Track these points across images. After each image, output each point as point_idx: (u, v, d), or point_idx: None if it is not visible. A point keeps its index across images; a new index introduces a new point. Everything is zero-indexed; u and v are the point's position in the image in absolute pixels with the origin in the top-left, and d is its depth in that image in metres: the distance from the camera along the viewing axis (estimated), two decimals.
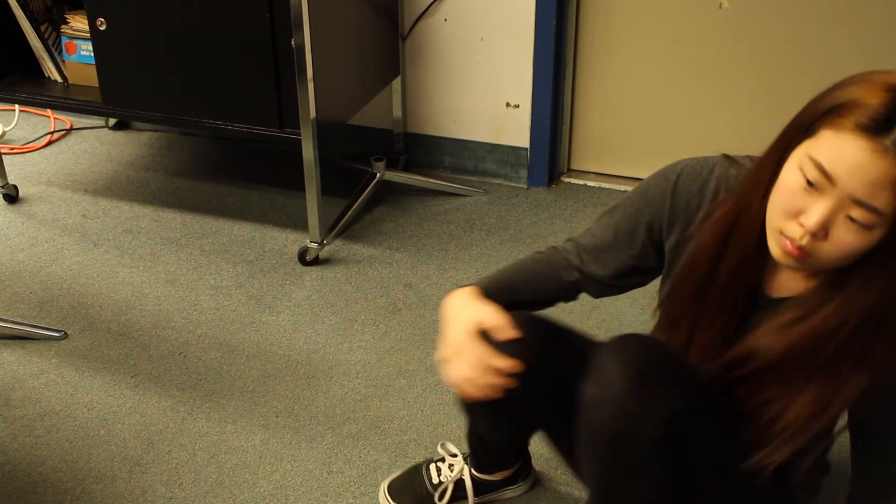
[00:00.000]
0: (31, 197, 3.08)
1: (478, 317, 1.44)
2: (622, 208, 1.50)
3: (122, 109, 2.79)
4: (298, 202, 2.89)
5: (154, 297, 2.56)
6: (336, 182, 2.96)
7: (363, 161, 3.08)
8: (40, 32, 2.91)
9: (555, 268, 1.56)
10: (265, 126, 2.61)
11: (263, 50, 2.52)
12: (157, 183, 3.13)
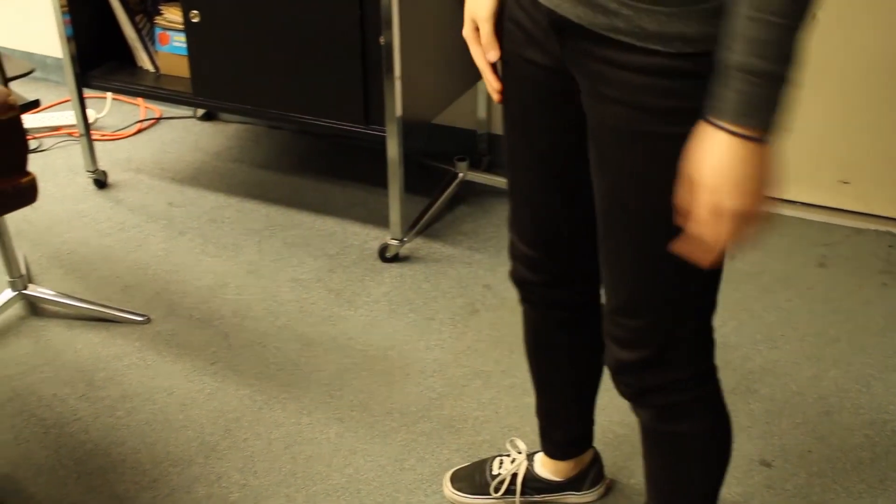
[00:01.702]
0: (120, 183, 3.14)
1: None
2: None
3: (211, 100, 2.84)
4: (381, 199, 2.91)
5: (236, 287, 2.60)
6: (418, 180, 2.98)
7: (446, 160, 3.09)
8: (135, 23, 2.97)
9: None
10: (351, 122, 2.63)
11: (352, 47, 2.54)
12: (242, 174, 3.17)
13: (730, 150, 1.11)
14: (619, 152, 1.27)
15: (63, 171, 3.19)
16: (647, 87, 1.20)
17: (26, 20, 3.76)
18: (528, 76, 1.39)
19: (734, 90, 1.09)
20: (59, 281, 2.64)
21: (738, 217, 1.14)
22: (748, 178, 1.12)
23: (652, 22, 1.15)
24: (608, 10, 1.18)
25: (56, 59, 3.76)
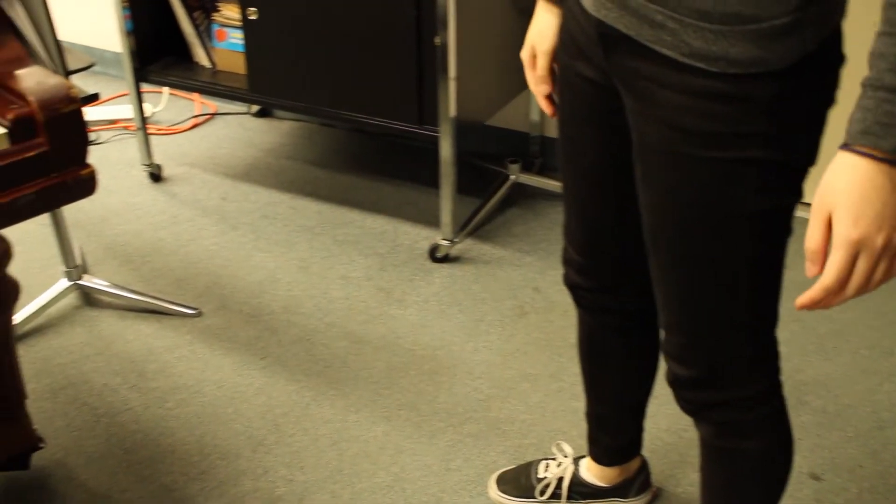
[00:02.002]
0: (175, 177, 3.18)
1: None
2: None
3: (266, 97, 2.86)
4: (432, 199, 2.91)
5: (286, 283, 2.61)
6: (470, 181, 2.98)
7: (498, 162, 3.08)
8: (193, 19, 3.00)
9: None
10: (404, 122, 2.64)
11: (408, 47, 2.54)
12: (295, 171, 3.20)
13: (865, 175, 1.02)
14: (660, 172, 1.26)
15: (119, 164, 3.23)
16: (688, 108, 1.17)
17: (87, 15, 3.81)
18: (579, 89, 1.39)
19: (864, 108, 1.02)
20: (113, 272, 2.67)
21: (879, 252, 1.04)
22: (889, 205, 1.02)
23: (697, 38, 1.13)
24: (654, 22, 1.16)
25: (115, 54, 3.81)
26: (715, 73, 1.13)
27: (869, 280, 1.07)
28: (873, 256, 1.04)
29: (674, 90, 1.18)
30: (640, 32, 1.19)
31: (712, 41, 1.12)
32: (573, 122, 1.44)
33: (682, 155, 1.21)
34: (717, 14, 1.10)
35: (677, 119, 1.19)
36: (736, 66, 1.12)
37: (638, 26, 1.19)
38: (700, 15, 1.11)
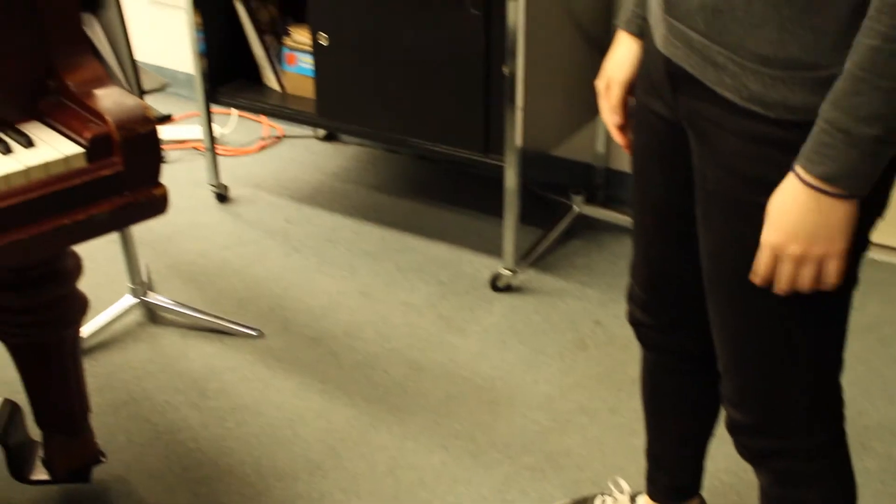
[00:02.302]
0: (240, 198, 3.21)
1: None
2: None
3: (334, 122, 2.88)
4: (495, 228, 2.91)
5: (348, 308, 2.62)
6: (533, 211, 2.97)
7: (562, 193, 3.08)
8: (264, 43, 3.04)
9: None
10: (470, 150, 2.64)
11: (476, 75, 2.55)
12: (359, 196, 3.21)
13: (795, 195, 1.11)
14: (718, 217, 1.26)
15: (186, 184, 3.28)
16: (746, 153, 1.17)
17: (161, 36, 3.88)
18: (650, 125, 1.39)
19: (811, 134, 1.08)
20: (178, 290, 2.70)
21: (795, 260, 1.14)
22: (808, 225, 1.11)
23: (756, 82, 1.13)
24: (717, 64, 1.16)
25: (186, 75, 3.87)
26: (773, 119, 1.13)
27: (794, 282, 1.16)
28: (790, 262, 1.15)
29: (733, 134, 1.18)
30: (703, 73, 1.19)
31: (771, 86, 1.12)
32: (644, 157, 1.44)
33: (739, 201, 1.21)
34: (777, 59, 1.10)
35: (735, 164, 1.19)
36: (794, 112, 1.11)
37: (702, 66, 1.19)
38: (760, 59, 1.11)
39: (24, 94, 1.47)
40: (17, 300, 1.70)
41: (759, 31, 1.10)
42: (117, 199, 1.42)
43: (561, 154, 3.14)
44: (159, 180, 1.46)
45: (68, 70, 1.46)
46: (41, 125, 1.48)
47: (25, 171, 1.37)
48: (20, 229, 1.36)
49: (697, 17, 1.17)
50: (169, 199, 1.47)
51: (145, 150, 1.42)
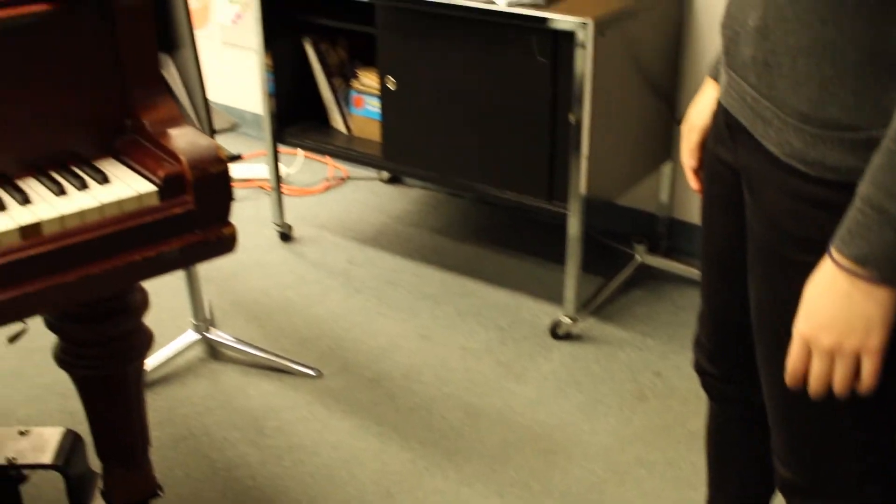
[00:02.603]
0: (304, 238, 3.24)
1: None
2: None
3: (399, 165, 2.91)
4: (556, 275, 2.90)
5: (407, 350, 2.63)
6: (595, 259, 2.96)
7: (625, 242, 3.06)
8: (333, 85, 3.09)
9: None
10: (534, 197, 2.65)
11: (541, 122, 2.56)
12: (421, 239, 3.23)
13: (830, 279, 1.06)
14: (761, 270, 1.25)
15: (251, 222, 3.32)
16: (787, 209, 1.17)
17: (230, 76, 3.95)
18: (715, 172, 1.39)
19: (847, 214, 1.04)
20: (239, 327, 2.73)
21: (828, 354, 1.08)
22: (843, 312, 1.06)
23: (797, 139, 1.12)
24: (764, 118, 1.17)
25: (254, 115, 3.93)
26: (813, 177, 1.12)
27: (825, 380, 1.10)
28: (822, 356, 1.09)
29: (776, 189, 1.17)
30: (753, 125, 1.20)
31: (811, 144, 1.11)
32: (709, 204, 1.44)
33: (780, 256, 1.20)
34: (817, 118, 1.10)
35: (777, 219, 1.18)
36: (832, 172, 1.10)
37: (752, 119, 1.20)
38: (801, 117, 1.11)
39: (102, 131, 1.51)
40: (86, 333, 1.72)
41: (802, 88, 1.11)
42: (187, 237, 1.44)
43: (624, 202, 3.14)
44: (229, 219, 1.48)
45: (145, 110, 1.49)
46: (116, 162, 1.51)
47: (100, 208, 1.40)
48: (93, 264, 1.39)
49: (750, 70, 1.18)
50: (237, 239, 1.49)
51: (216, 189, 1.44)
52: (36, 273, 1.36)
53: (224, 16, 3.86)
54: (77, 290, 1.39)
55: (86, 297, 1.47)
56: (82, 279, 1.38)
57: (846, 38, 1.06)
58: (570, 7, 2.47)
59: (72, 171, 1.47)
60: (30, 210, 1.38)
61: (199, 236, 1.45)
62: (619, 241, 3.10)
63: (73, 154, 1.50)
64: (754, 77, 1.18)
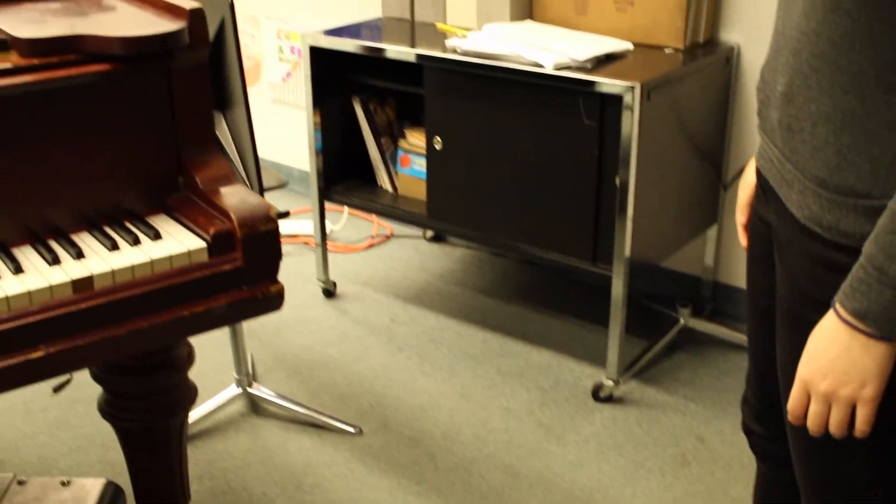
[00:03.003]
0: (347, 294, 3.26)
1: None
2: None
3: (444, 224, 2.92)
4: (598, 336, 2.89)
5: (447, 409, 2.62)
6: (639, 321, 2.94)
7: (669, 305, 3.05)
8: (380, 144, 3.12)
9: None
10: (578, 258, 2.65)
11: (587, 184, 2.57)
12: (464, 297, 3.23)
13: (832, 330, 1.11)
14: (784, 330, 1.28)
15: (295, 278, 3.34)
16: (806, 271, 1.20)
17: (278, 133, 4.01)
18: (757, 231, 1.41)
19: (852, 273, 1.09)
20: (281, 383, 2.74)
21: (825, 398, 1.13)
22: (840, 362, 1.11)
23: (815, 203, 1.16)
24: (788, 181, 1.21)
25: (301, 171, 3.98)
26: (829, 241, 1.15)
27: (822, 422, 1.15)
28: (819, 400, 1.14)
29: (797, 251, 1.22)
30: (779, 188, 1.24)
31: (827, 209, 1.15)
32: (752, 262, 1.46)
33: (801, 319, 1.22)
34: (833, 184, 1.14)
35: (797, 280, 1.22)
36: (847, 237, 1.13)
37: (779, 181, 1.24)
38: (818, 181, 1.15)
39: (155, 188, 1.53)
40: (132, 385, 1.74)
41: (820, 154, 1.15)
42: (235, 294, 1.46)
43: (669, 265, 3.12)
44: (277, 277, 1.50)
45: (198, 167, 1.52)
46: (168, 218, 1.54)
47: (150, 263, 1.42)
48: (142, 319, 1.40)
49: (777, 133, 1.23)
50: (284, 297, 1.50)
51: (265, 247, 1.46)
52: (87, 326, 1.38)
53: (275, 74, 3.92)
54: (126, 344, 1.41)
55: (134, 351, 1.49)
56: (131, 333, 1.40)
57: (865, 107, 1.10)
58: (617, 70, 2.49)
59: (125, 227, 1.50)
60: (83, 264, 1.40)
61: (246, 293, 1.47)
62: (663, 304, 3.08)
63: (126, 210, 1.53)
64: (780, 140, 1.22)
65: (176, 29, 1.45)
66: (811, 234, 1.17)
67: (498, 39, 2.66)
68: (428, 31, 2.98)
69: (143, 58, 1.45)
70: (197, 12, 1.48)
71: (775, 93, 1.23)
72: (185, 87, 1.50)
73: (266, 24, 3.88)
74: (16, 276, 1.38)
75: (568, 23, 2.82)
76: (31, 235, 1.47)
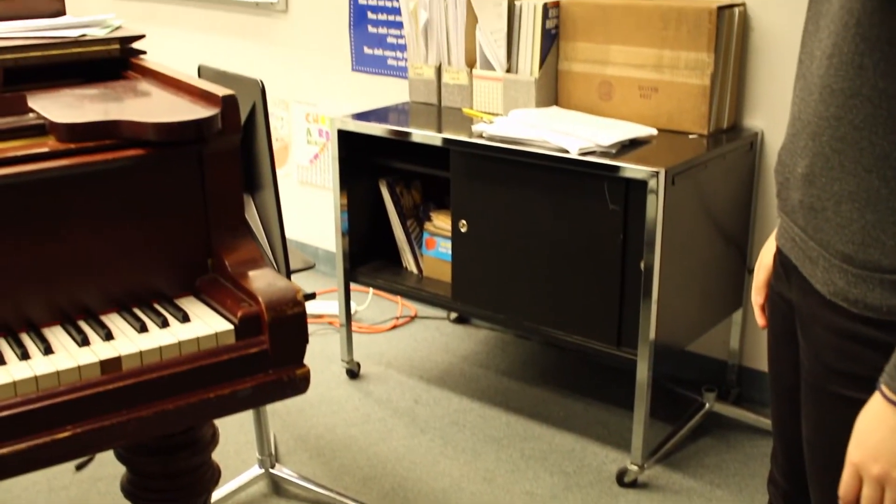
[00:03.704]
0: (371, 375, 3.26)
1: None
2: None
3: (468, 306, 2.93)
4: (623, 421, 2.87)
5: (470, 493, 2.60)
6: (664, 405, 2.92)
7: (694, 389, 3.03)
8: (406, 226, 3.15)
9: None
10: (602, 342, 2.64)
11: (611, 268, 2.58)
12: (487, 380, 3.22)
13: (879, 412, 1.12)
14: (810, 406, 1.30)
15: (319, 358, 3.35)
16: (833, 346, 1.22)
17: (306, 214, 4.05)
18: (777, 308, 1.43)
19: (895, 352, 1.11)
20: (303, 463, 2.73)
21: (878, 482, 1.12)
22: (892, 443, 1.11)
23: (841, 279, 1.19)
24: (811, 258, 1.24)
25: (326, 252, 4.01)
26: (856, 315, 1.18)
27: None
28: (871, 483, 1.13)
29: (822, 326, 1.24)
30: (803, 265, 1.27)
31: (854, 283, 1.18)
32: (774, 340, 1.47)
33: (827, 393, 1.24)
34: (858, 259, 1.17)
35: (824, 355, 1.24)
36: (873, 311, 1.16)
37: (802, 259, 1.27)
38: (844, 257, 1.19)
39: (184, 270, 1.56)
40: (155, 466, 1.74)
41: (845, 231, 1.18)
42: (261, 377, 1.47)
43: (694, 349, 3.11)
44: (303, 360, 1.51)
45: (227, 250, 1.54)
46: (196, 300, 1.56)
47: (178, 345, 1.43)
48: (168, 400, 1.41)
49: (798, 213, 1.27)
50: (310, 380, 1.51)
51: (292, 330, 1.47)
52: (114, 407, 1.39)
53: (302, 156, 3.98)
54: (151, 425, 1.42)
55: (159, 432, 1.49)
56: (157, 415, 1.41)
57: (889, 187, 1.14)
58: (642, 156, 2.52)
59: (154, 308, 1.51)
60: (112, 345, 1.42)
61: (272, 376, 1.48)
62: (688, 388, 3.06)
63: (155, 291, 1.55)
64: (802, 220, 1.26)
65: (209, 115, 1.48)
66: (836, 308, 1.20)
67: (524, 124, 2.69)
68: (454, 116, 3.03)
69: (177, 143, 1.48)
70: (230, 99, 1.52)
71: (795, 174, 1.26)
72: (216, 171, 1.53)
73: (295, 108, 3.95)
74: (45, 356, 1.40)
75: (593, 109, 2.86)
76: (62, 315, 1.49)
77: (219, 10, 4.13)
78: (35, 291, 1.46)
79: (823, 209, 1.21)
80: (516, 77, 2.91)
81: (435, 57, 3.11)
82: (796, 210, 1.27)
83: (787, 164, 1.30)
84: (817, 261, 1.23)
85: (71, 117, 1.50)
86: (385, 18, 3.56)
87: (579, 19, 2.83)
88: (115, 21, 2.07)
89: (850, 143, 1.17)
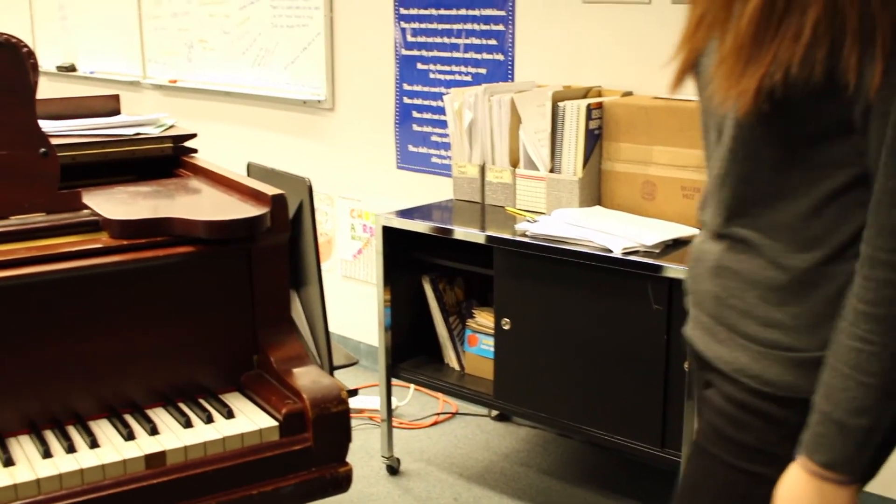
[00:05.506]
0: (411, 472, 3.23)
1: None
2: None
3: (510, 404, 2.91)
4: None
5: None
6: None
7: None
8: (448, 323, 3.15)
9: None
10: (645, 443, 2.61)
11: (655, 368, 2.56)
12: (528, 479, 3.19)
13: (801, 481, 1.19)
14: (692, 465, 1.40)
15: (359, 453, 3.33)
16: (728, 415, 1.30)
17: (348, 309, 4.07)
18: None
19: (808, 424, 1.19)
20: None
21: None
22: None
23: (744, 356, 1.28)
24: (720, 340, 1.32)
25: (368, 346, 4.02)
26: (754, 389, 1.27)
27: None
28: None
29: (720, 394, 1.33)
30: (707, 348, 1.35)
31: (755, 360, 1.27)
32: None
33: (712, 455, 1.33)
34: (760, 339, 1.26)
35: (716, 421, 1.33)
36: (770, 386, 1.25)
37: (706, 343, 1.35)
38: (748, 337, 1.28)
39: (230, 366, 1.57)
40: None
41: (749, 315, 1.28)
42: (304, 474, 1.47)
43: None
44: (345, 459, 1.51)
45: (273, 347, 1.56)
46: (241, 396, 1.57)
47: (222, 441, 1.44)
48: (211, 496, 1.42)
49: (708, 302, 1.36)
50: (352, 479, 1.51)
51: (336, 428, 1.48)
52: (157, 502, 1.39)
53: (346, 251, 4.02)
54: None
55: None
56: None
57: (787, 276, 1.25)
58: (685, 256, 2.51)
59: (199, 404, 1.53)
60: (157, 440, 1.43)
61: (314, 474, 1.48)
62: None
63: (200, 386, 1.56)
64: (711, 307, 1.35)
65: (259, 214, 1.51)
66: (738, 382, 1.29)
67: (567, 224, 2.71)
68: (498, 214, 3.05)
69: (227, 241, 1.51)
70: (279, 198, 1.55)
71: (706, 268, 1.37)
72: (265, 269, 1.56)
73: (340, 203, 4.00)
74: (91, 449, 1.41)
75: (636, 209, 2.87)
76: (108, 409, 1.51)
77: (267, 108, 4.23)
78: (83, 384, 1.48)
79: (730, 297, 1.31)
80: (560, 177, 2.94)
81: (479, 156, 3.15)
82: (706, 300, 1.36)
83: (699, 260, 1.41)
84: (724, 342, 1.31)
85: (124, 214, 1.54)
86: (429, 117, 3.63)
87: (622, 120, 2.86)
88: (169, 120, 2.12)
89: (743, 265, 1.29)
